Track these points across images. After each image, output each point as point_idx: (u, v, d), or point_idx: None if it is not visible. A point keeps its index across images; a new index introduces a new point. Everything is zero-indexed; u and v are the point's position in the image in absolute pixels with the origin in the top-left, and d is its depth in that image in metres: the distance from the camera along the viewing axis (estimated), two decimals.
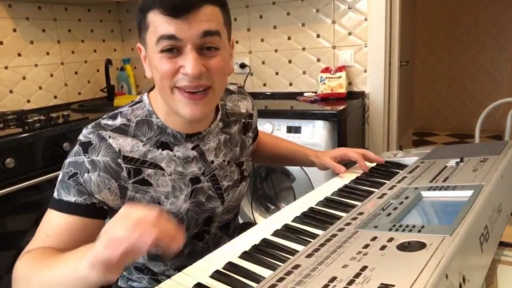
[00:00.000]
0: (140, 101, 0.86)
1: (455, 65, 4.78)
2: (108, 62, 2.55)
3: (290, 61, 2.48)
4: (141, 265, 0.95)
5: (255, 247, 0.72)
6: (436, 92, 4.95)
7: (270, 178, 2.30)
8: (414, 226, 0.62)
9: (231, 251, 0.71)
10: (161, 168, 0.83)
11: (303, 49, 2.42)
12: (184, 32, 0.72)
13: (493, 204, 0.71)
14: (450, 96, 4.89)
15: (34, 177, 1.73)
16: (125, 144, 0.79)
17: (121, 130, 0.80)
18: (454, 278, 0.50)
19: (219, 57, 0.76)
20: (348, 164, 1.12)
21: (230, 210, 0.98)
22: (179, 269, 0.91)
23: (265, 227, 0.80)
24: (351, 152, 1.10)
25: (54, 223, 0.75)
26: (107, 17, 2.87)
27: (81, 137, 0.79)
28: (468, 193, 0.72)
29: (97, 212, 0.77)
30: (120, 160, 0.78)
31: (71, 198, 0.76)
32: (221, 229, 0.98)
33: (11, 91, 2.30)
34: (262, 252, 0.70)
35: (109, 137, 0.78)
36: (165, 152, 0.83)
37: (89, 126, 0.80)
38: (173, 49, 0.74)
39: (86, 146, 0.77)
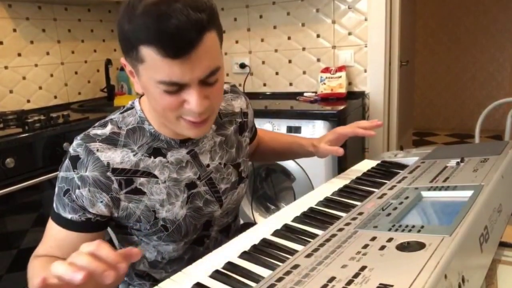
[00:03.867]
0: (132, 107, 0.84)
1: (455, 65, 4.78)
2: (108, 62, 2.55)
3: (290, 61, 2.48)
4: (142, 272, 0.95)
5: (254, 247, 0.72)
6: (436, 92, 4.95)
7: (270, 178, 2.30)
8: (413, 226, 0.62)
9: (230, 251, 0.71)
10: (155, 176, 0.82)
11: (303, 49, 2.42)
12: (187, 75, 0.67)
13: (493, 205, 0.71)
14: (450, 96, 4.89)
15: (34, 177, 1.73)
16: (115, 156, 0.78)
17: (111, 140, 0.79)
18: (453, 278, 0.50)
19: (219, 83, 0.74)
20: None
21: (229, 212, 0.97)
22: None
23: (264, 227, 0.80)
24: (345, 129, 1.07)
25: (56, 236, 0.78)
26: (107, 17, 2.87)
27: (70, 150, 0.78)
28: (468, 193, 0.72)
29: (94, 227, 0.79)
30: (109, 173, 0.77)
31: (68, 215, 0.78)
32: (221, 232, 0.98)
33: (11, 91, 2.30)
34: (262, 252, 0.70)
35: (97, 150, 0.77)
36: (157, 159, 0.82)
37: (79, 137, 0.79)
38: (176, 88, 0.70)
39: (75, 161, 0.77)
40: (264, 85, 2.59)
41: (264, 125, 1.98)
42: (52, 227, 0.79)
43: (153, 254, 0.90)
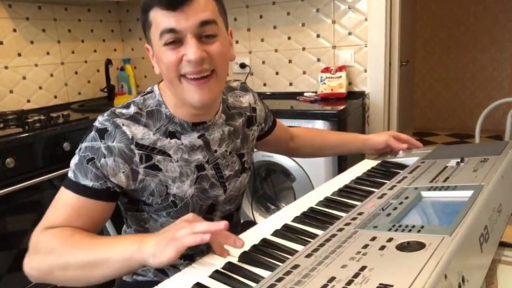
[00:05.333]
0: (151, 91, 0.92)
1: (455, 65, 4.78)
2: (108, 62, 2.55)
3: (290, 61, 2.48)
4: None
5: (254, 247, 0.72)
6: (436, 92, 4.95)
7: (270, 178, 2.30)
8: (413, 226, 0.62)
9: (230, 251, 0.71)
10: (169, 155, 0.88)
11: (303, 49, 2.42)
12: (182, 23, 0.77)
13: (493, 205, 0.71)
14: (450, 96, 4.89)
15: (34, 177, 1.74)
16: (137, 132, 0.84)
17: (134, 119, 0.85)
18: (453, 278, 0.50)
19: (218, 43, 0.81)
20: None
21: (232, 200, 1.01)
22: (184, 257, 0.95)
23: (264, 227, 0.80)
24: (394, 144, 1.20)
25: (73, 205, 0.81)
26: (107, 17, 2.87)
27: (97, 124, 0.84)
28: (468, 193, 0.72)
29: (111, 196, 0.84)
30: (133, 146, 0.83)
31: (89, 182, 0.81)
32: (224, 220, 0.99)
33: (11, 91, 2.30)
34: (262, 252, 0.70)
35: (123, 124, 0.83)
36: (173, 140, 0.88)
37: (105, 114, 0.86)
38: (175, 41, 0.79)
39: (102, 133, 0.82)
40: (264, 85, 2.59)
41: None
42: (66, 196, 0.81)
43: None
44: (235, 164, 0.99)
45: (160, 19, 0.78)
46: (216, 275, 0.65)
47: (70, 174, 0.83)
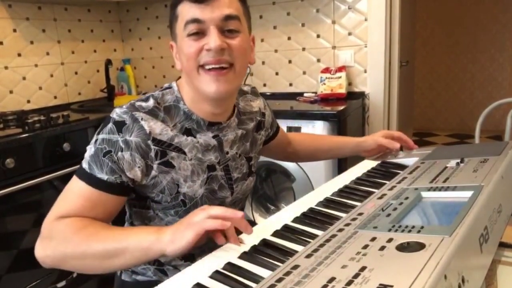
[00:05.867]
0: (170, 87, 0.92)
1: (455, 65, 4.78)
2: (108, 62, 2.55)
3: (290, 61, 2.48)
4: None
5: (254, 248, 0.72)
6: (436, 92, 4.95)
7: (270, 178, 2.30)
8: (413, 227, 0.62)
9: (230, 251, 0.71)
10: (184, 153, 0.88)
11: (303, 49, 2.42)
12: (207, 15, 0.80)
13: (493, 205, 0.71)
14: (450, 96, 4.89)
15: (34, 177, 1.74)
16: (156, 127, 0.84)
17: (153, 113, 0.86)
18: (453, 279, 0.50)
19: (239, 38, 0.84)
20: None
21: (237, 203, 1.03)
22: (185, 258, 0.95)
23: (264, 227, 0.80)
24: (385, 142, 1.20)
25: (88, 197, 0.81)
26: (107, 17, 2.87)
27: (114, 116, 0.84)
28: (468, 193, 0.72)
29: (124, 191, 0.84)
30: (149, 142, 0.83)
31: (104, 176, 0.81)
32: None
33: (11, 91, 2.30)
34: (262, 252, 0.70)
35: (142, 119, 0.83)
36: (189, 138, 0.89)
37: (124, 106, 0.85)
38: (198, 33, 0.81)
39: (120, 126, 0.82)
40: (264, 85, 2.59)
41: None
42: (80, 187, 0.81)
43: None
44: (244, 167, 1.00)
45: (187, 11, 0.81)
46: (216, 275, 0.64)
47: (85, 165, 0.82)
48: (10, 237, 1.69)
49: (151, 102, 0.87)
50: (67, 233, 0.77)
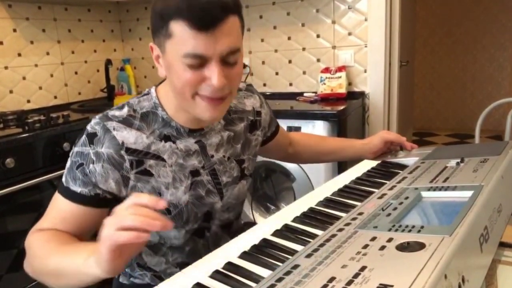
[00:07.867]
0: (148, 93, 0.90)
1: (455, 65, 4.78)
2: (108, 62, 2.55)
3: (290, 61, 2.48)
4: (143, 263, 0.96)
5: (254, 247, 0.72)
6: (436, 92, 4.95)
7: (270, 178, 2.30)
8: (413, 227, 0.62)
9: (230, 251, 0.71)
10: (163, 160, 0.86)
11: (303, 49, 2.42)
12: (210, 49, 0.73)
13: (493, 205, 0.71)
14: (450, 96, 4.89)
15: (34, 177, 1.74)
16: (129, 136, 0.82)
17: (127, 122, 0.83)
18: (453, 279, 0.50)
19: (238, 66, 0.80)
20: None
21: (230, 208, 0.98)
22: (180, 266, 0.93)
23: (264, 227, 0.80)
24: (397, 138, 1.18)
25: (61, 209, 0.81)
26: (107, 17, 2.87)
27: (88, 127, 0.83)
28: (468, 193, 0.72)
29: (100, 202, 0.81)
30: (123, 152, 0.81)
31: (77, 188, 0.80)
32: (223, 228, 0.98)
33: (11, 91, 2.30)
34: (262, 252, 0.70)
35: (114, 129, 0.81)
36: (168, 144, 0.86)
37: (97, 117, 0.84)
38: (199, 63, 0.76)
39: (92, 137, 0.81)
40: (264, 85, 2.59)
41: None
42: (58, 200, 0.81)
43: (156, 237, 0.92)
44: (234, 170, 0.96)
45: (187, 38, 0.72)
46: (216, 275, 0.64)
47: (63, 179, 0.82)
48: (10, 237, 1.69)
49: (125, 111, 0.84)
50: (34, 247, 0.76)
